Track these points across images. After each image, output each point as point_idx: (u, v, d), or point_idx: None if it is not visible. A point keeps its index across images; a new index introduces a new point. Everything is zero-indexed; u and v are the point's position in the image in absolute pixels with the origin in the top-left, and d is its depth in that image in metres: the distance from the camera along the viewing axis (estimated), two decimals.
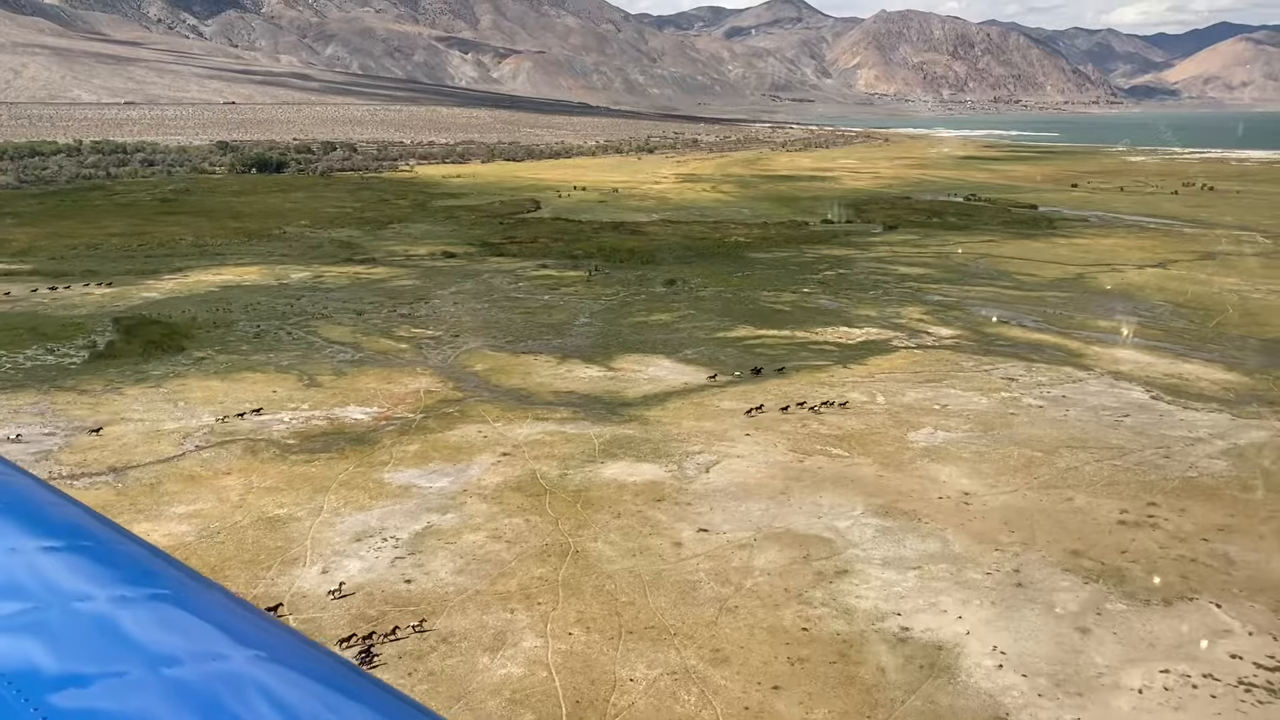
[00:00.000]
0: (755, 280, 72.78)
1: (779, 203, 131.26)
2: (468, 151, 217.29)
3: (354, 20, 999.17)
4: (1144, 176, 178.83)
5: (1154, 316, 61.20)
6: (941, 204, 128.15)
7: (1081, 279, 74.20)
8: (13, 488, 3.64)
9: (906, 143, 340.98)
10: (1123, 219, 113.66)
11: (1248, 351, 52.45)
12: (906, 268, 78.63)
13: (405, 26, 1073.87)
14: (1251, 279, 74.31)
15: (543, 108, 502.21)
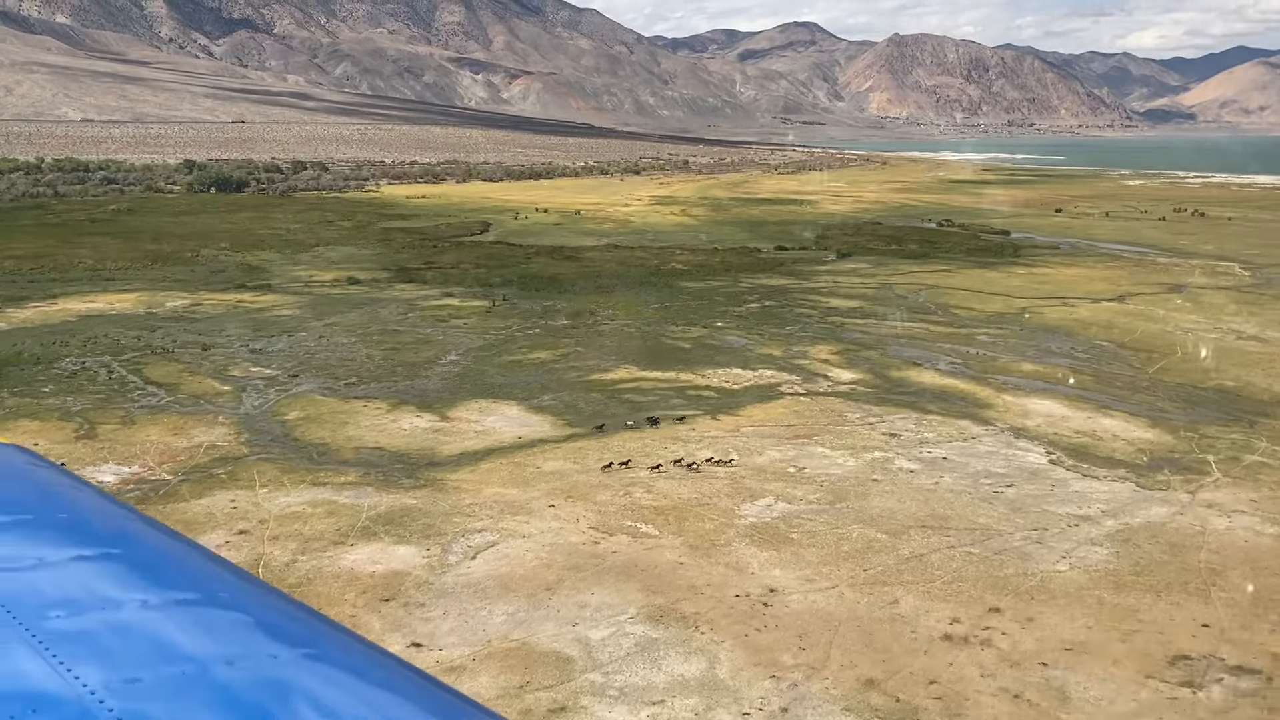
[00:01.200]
0: (671, 312, 66.99)
1: (743, 227, 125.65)
2: (447, 171, 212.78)
3: (365, 41, 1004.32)
4: (1137, 201, 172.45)
5: (1090, 359, 54.96)
6: (910, 230, 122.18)
7: (1025, 314, 68.04)
8: (64, 494, 3.80)
9: (905, 166, 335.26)
10: (1096, 246, 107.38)
11: (1181, 404, 46.17)
12: (840, 300, 72.69)
13: (417, 47, 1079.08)
14: (1214, 316, 67.97)
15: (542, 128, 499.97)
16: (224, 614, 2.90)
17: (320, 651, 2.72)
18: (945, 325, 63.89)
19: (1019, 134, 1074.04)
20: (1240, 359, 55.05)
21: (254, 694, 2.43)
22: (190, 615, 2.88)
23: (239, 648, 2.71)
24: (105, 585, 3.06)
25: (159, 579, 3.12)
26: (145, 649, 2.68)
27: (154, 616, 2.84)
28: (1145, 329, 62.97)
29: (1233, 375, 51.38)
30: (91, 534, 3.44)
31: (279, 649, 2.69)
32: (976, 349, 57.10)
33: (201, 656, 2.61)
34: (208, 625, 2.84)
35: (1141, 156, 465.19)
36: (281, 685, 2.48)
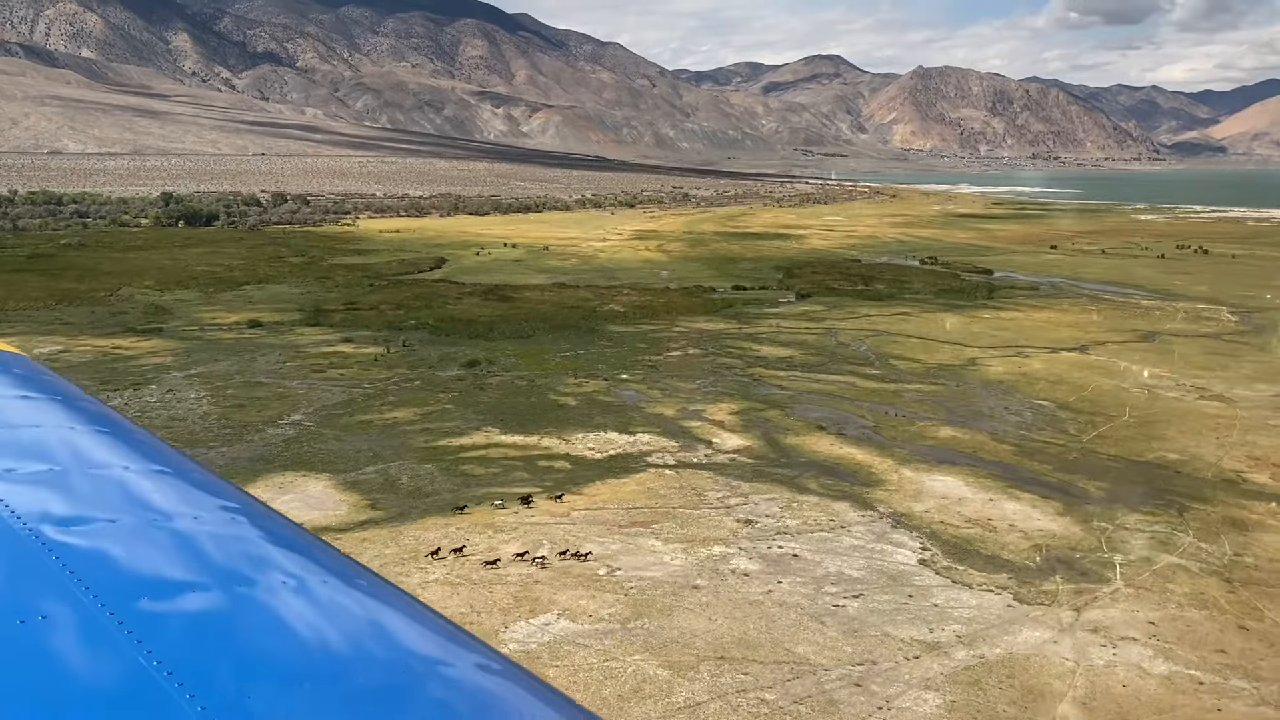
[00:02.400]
0: (579, 362, 61.06)
1: (713, 265, 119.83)
2: (434, 205, 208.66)
3: (387, 74, 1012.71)
4: (1143, 237, 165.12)
5: (1021, 423, 48.41)
6: (887, 268, 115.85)
7: (971, 366, 61.56)
8: (93, 418, 4.13)
9: (915, 199, 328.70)
10: (1080, 287, 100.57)
11: (1107, 482, 39.59)
12: (773, 349, 66.48)
13: (440, 81, 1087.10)
14: (1182, 370, 61.16)
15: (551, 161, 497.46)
16: (225, 534, 3.03)
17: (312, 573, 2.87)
18: (875, 380, 57.50)
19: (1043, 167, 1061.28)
20: (1194, 423, 48.30)
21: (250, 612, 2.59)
22: (191, 533, 3.00)
23: (236, 567, 2.86)
24: (111, 502, 3.21)
25: (163, 497, 3.25)
26: (149, 564, 2.84)
27: (157, 533, 2.98)
28: (1097, 385, 56.29)
29: (1179, 445, 44.67)
30: (100, 450, 3.65)
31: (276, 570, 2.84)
32: (898, 409, 50.70)
33: (202, 575, 2.77)
34: (209, 543, 2.99)
35: (1163, 190, 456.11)
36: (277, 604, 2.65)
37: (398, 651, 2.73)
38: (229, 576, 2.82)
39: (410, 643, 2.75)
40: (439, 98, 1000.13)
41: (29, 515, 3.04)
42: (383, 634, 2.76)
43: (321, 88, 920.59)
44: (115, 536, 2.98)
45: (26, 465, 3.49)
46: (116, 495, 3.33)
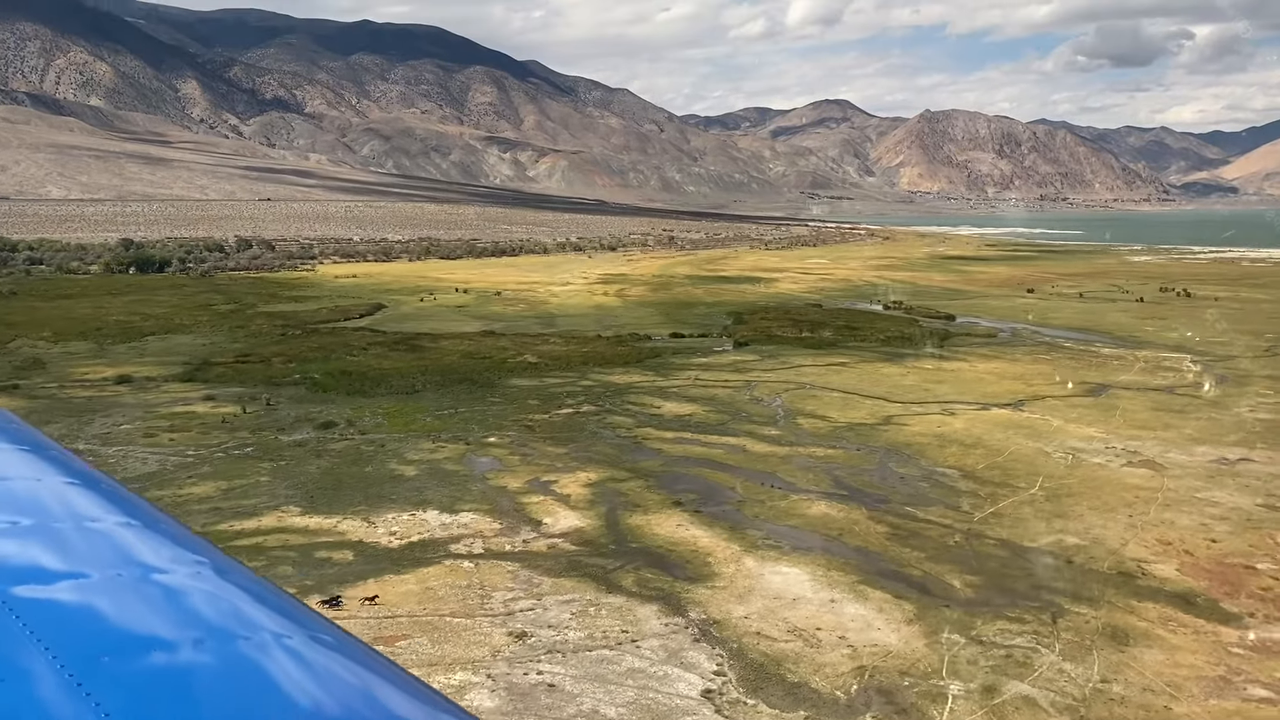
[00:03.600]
0: (449, 423, 55.32)
1: (665, 310, 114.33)
2: (407, 249, 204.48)
3: (394, 120, 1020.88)
4: (1128, 279, 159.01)
5: (911, 496, 42.23)
6: (844, 314, 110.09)
7: (885, 425, 55.45)
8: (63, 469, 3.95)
9: (909, 241, 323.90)
10: (1041, 334, 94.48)
11: (981, 575, 33.39)
12: (678, 404, 60.60)
13: (448, 127, 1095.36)
14: (1119, 429, 54.91)
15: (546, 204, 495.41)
16: (195, 589, 2.89)
17: (288, 632, 2.71)
18: (770, 442, 51.45)
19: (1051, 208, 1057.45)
20: (1111, 496, 42.01)
21: (220, 673, 2.47)
22: (159, 589, 2.87)
23: (210, 626, 2.72)
24: (77, 556, 3.07)
25: (134, 553, 3.10)
26: (113, 621, 2.71)
27: (124, 589, 2.86)
28: (1017, 449, 50.06)
29: (1084, 525, 38.40)
30: (68, 502, 3.50)
31: (251, 630, 2.69)
32: (779, 479, 44.61)
33: (169, 632, 2.62)
34: (178, 600, 2.84)
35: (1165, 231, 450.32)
36: (250, 665, 2.51)
37: (381, 713, 2.60)
38: (201, 634, 2.66)
39: (394, 705, 2.60)
40: (446, 143, 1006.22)
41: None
42: (366, 695, 2.61)
43: (328, 133, 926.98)
44: (81, 592, 2.81)
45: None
46: (84, 549, 3.12)
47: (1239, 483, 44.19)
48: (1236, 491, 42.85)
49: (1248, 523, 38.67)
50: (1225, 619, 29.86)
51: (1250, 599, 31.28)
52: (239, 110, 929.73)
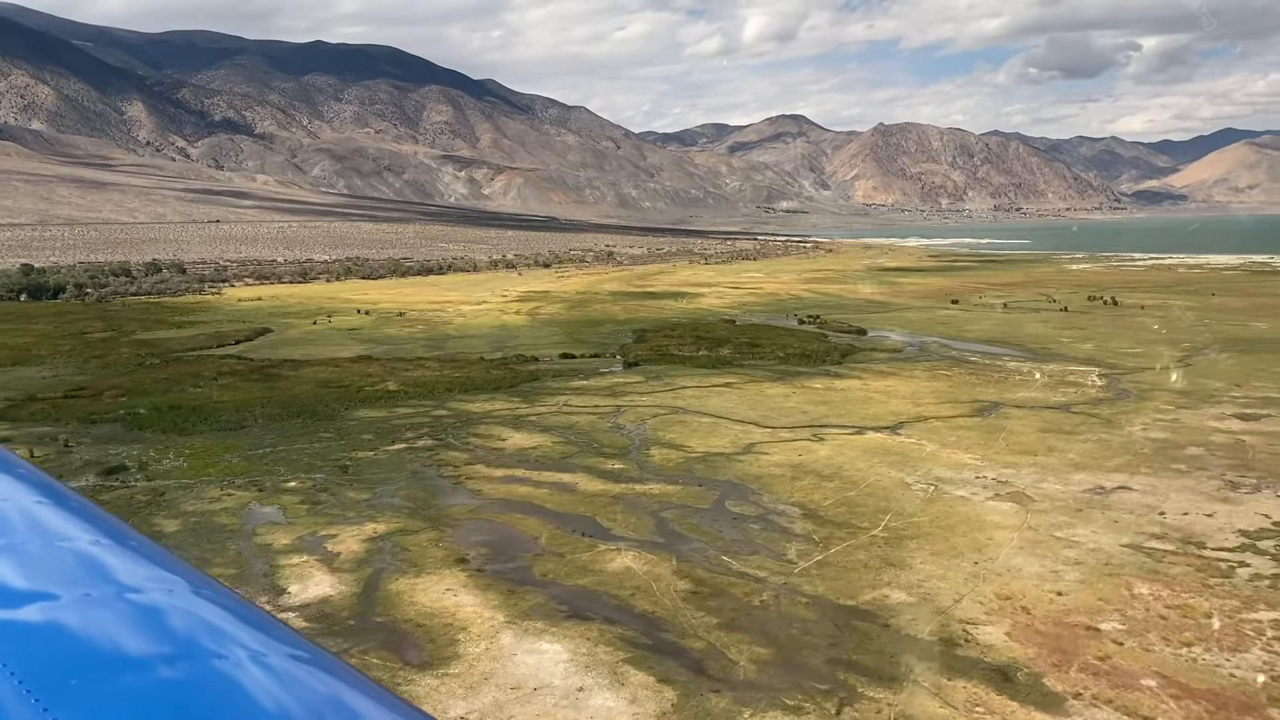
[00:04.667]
0: (261, 462, 49.43)
1: (571, 329, 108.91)
2: (328, 269, 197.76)
3: (347, 140, 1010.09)
4: (1061, 287, 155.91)
5: (734, 542, 36.99)
6: (754, 329, 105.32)
7: (744, 454, 50.30)
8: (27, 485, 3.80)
9: (852, 253, 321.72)
10: (951, 347, 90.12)
11: (776, 645, 28.15)
12: (529, 435, 55.19)
13: (403, 146, 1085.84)
14: (997, 455, 50.14)
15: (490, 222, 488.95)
16: (168, 607, 2.80)
17: (265, 650, 2.65)
18: (608, 479, 46.08)
19: (1004, 218, 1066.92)
20: (960, 538, 37.02)
21: (193, 692, 2.42)
22: (131, 608, 2.78)
23: (182, 645, 2.64)
24: (45, 575, 2.98)
25: (104, 572, 3.02)
26: (82, 642, 2.62)
27: (94, 609, 2.76)
28: (876, 481, 45.02)
29: (918, 576, 33.33)
30: (36, 521, 3.38)
31: (225, 648, 2.62)
32: (594, 526, 39.21)
33: (142, 653, 2.55)
34: (150, 619, 2.75)
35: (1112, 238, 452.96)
36: (224, 684, 2.46)
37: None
38: (174, 653, 2.58)
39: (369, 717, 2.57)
40: (399, 162, 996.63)
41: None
42: (343, 709, 2.56)
43: (278, 154, 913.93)
44: (48, 612, 2.71)
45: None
46: (53, 568, 3.02)
47: (1108, 517, 39.40)
48: (1103, 528, 38.04)
49: (1105, 569, 33.78)
50: (1045, 702, 24.78)
51: (1081, 672, 26.24)
52: (187, 133, 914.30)
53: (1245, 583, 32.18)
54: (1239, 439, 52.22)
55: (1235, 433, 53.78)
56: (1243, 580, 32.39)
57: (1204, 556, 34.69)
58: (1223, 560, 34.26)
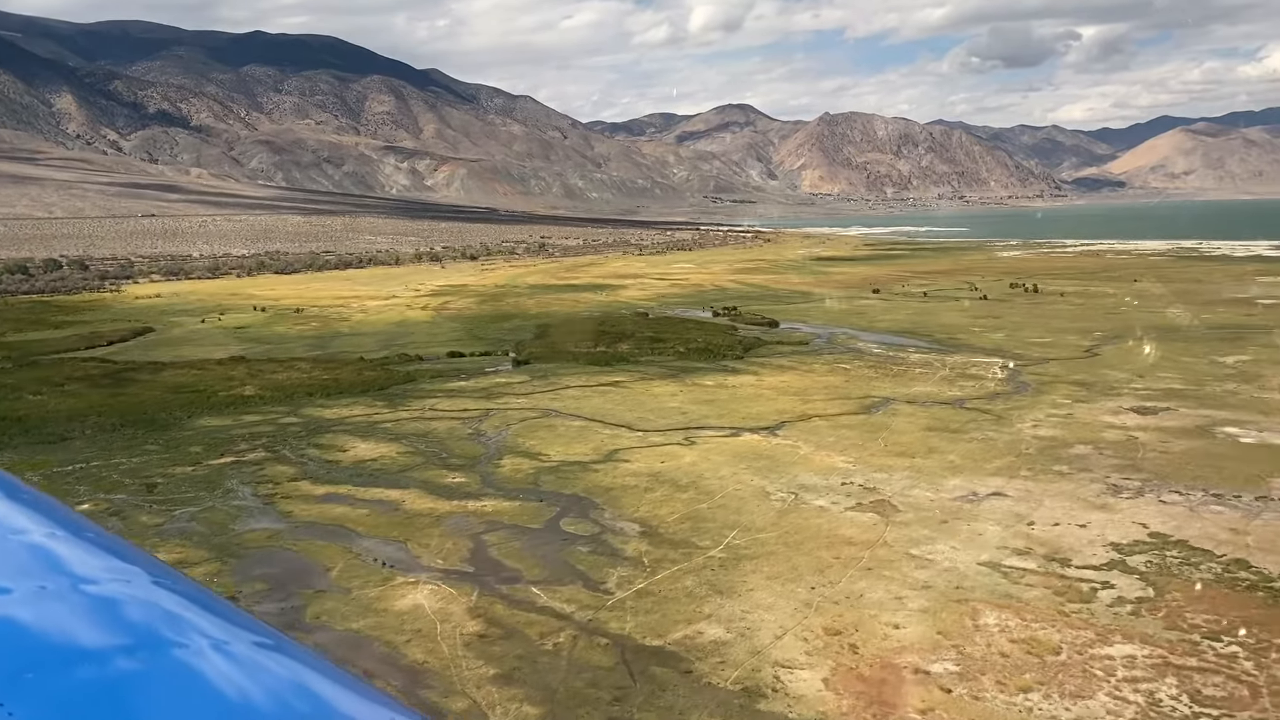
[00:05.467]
0: (62, 481, 44.30)
1: (476, 325, 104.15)
2: (241, 264, 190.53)
3: (285, 132, 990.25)
4: (987, 275, 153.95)
5: (552, 568, 32.84)
6: (666, 322, 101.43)
7: (604, 462, 46.17)
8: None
9: (790, 243, 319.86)
10: (859, 339, 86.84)
11: (544, 705, 23.94)
12: (378, 445, 50.63)
13: (343, 137, 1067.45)
14: (872, 457, 46.56)
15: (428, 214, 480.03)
16: (126, 598, 2.72)
17: (228, 638, 2.60)
18: (439, 496, 41.68)
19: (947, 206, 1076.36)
20: (805, 559, 33.20)
21: (153, 683, 2.36)
22: (87, 600, 2.69)
23: (141, 636, 2.56)
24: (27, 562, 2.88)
25: (59, 564, 2.90)
26: (37, 635, 2.51)
27: (49, 601, 2.67)
28: (735, 491, 41.12)
29: (742, 609, 29.38)
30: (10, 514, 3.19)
31: (185, 637, 2.55)
32: (401, 552, 34.80)
33: (100, 645, 2.48)
34: (107, 610, 2.68)
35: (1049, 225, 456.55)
36: (185, 673, 2.42)
37: (325, 712, 2.52)
38: (133, 643, 2.49)
39: (340, 705, 2.53)
40: (340, 154, 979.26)
41: None
42: (307, 694, 2.53)
43: (215, 147, 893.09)
44: (1, 606, 2.58)
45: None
46: (6, 562, 2.85)
47: (972, 530, 35.83)
48: (964, 543, 34.43)
49: (954, 593, 30.09)
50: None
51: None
52: (119, 125, 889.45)
53: (1105, 609, 28.66)
54: (1132, 436, 49.15)
55: (1130, 429, 50.74)
56: (1103, 606, 28.87)
57: (1066, 577, 31.16)
58: (1085, 581, 30.75)
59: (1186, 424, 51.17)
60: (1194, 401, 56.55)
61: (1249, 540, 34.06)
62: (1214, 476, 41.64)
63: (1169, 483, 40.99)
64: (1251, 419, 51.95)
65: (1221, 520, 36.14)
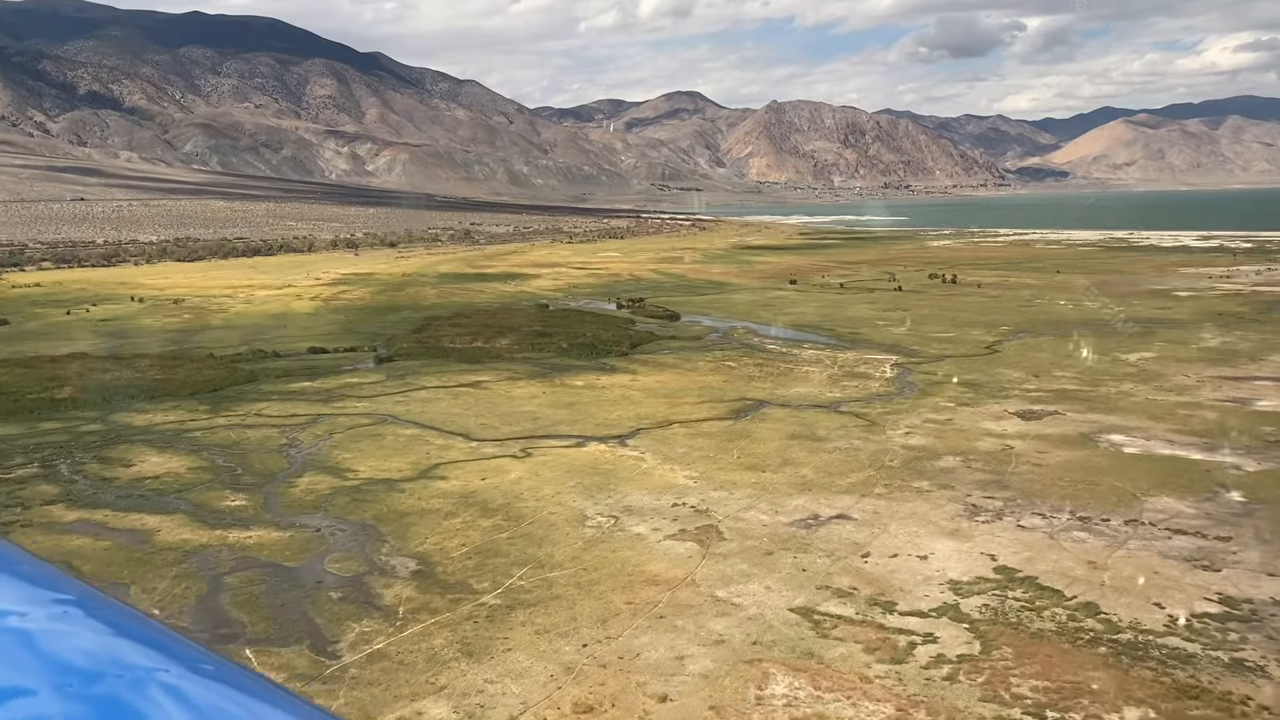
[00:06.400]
0: None
1: (357, 318, 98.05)
2: (142, 251, 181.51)
3: (222, 115, 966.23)
4: (910, 265, 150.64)
5: (281, 625, 27.45)
6: (558, 315, 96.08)
7: (415, 481, 40.78)
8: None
9: (726, 231, 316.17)
10: (756, 334, 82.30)
11: None
12: (170, 459, 44.67)
13: (283, 121, 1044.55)
14: (719, 474, 41.72)
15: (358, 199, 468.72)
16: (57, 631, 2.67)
17: (164, 666, 2.55)
18: (202, 525, 36.01)
19: (893, 195, 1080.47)
20: (590, 606, 28.11)
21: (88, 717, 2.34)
22: (14, 635, 2.64)
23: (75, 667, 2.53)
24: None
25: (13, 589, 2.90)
26: None
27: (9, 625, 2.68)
28: (549, 515, 36.00)
29: (486, 677, 24.21)
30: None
31: (120, 667, 2.51)
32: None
33: (28, 680, 2.44)
34: (37, 644, 2.62)
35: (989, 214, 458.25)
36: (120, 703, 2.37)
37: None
38: (66, 678, 2.45)
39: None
40: (277, 138, 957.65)
41: None
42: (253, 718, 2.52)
43: (148, 130, 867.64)
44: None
45: None
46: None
47: (798, 563, 31.04)
48: (783, 581, 29.60)
49: (750, 649, 25.21)
50: None
51: None
52: (47, 107, 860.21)
53: (917, 672, 23.91)
54: (1008, 445, 44.82)
55: (1008, 436, 46.44)
56: (916, 668, 24.13)
57: (884, 627, 26.41)
58: (905, 633, 26.02)
59: (1069, 431, 47.00)
60: (1084, 404, 52.51)
61: (1105, 577, 29.64)
62: (1085, 495, 37.33)
63: (1034, 502, 36.59)
64: (1140, 425, 47.94)
65: (1081, 551, 31.73)
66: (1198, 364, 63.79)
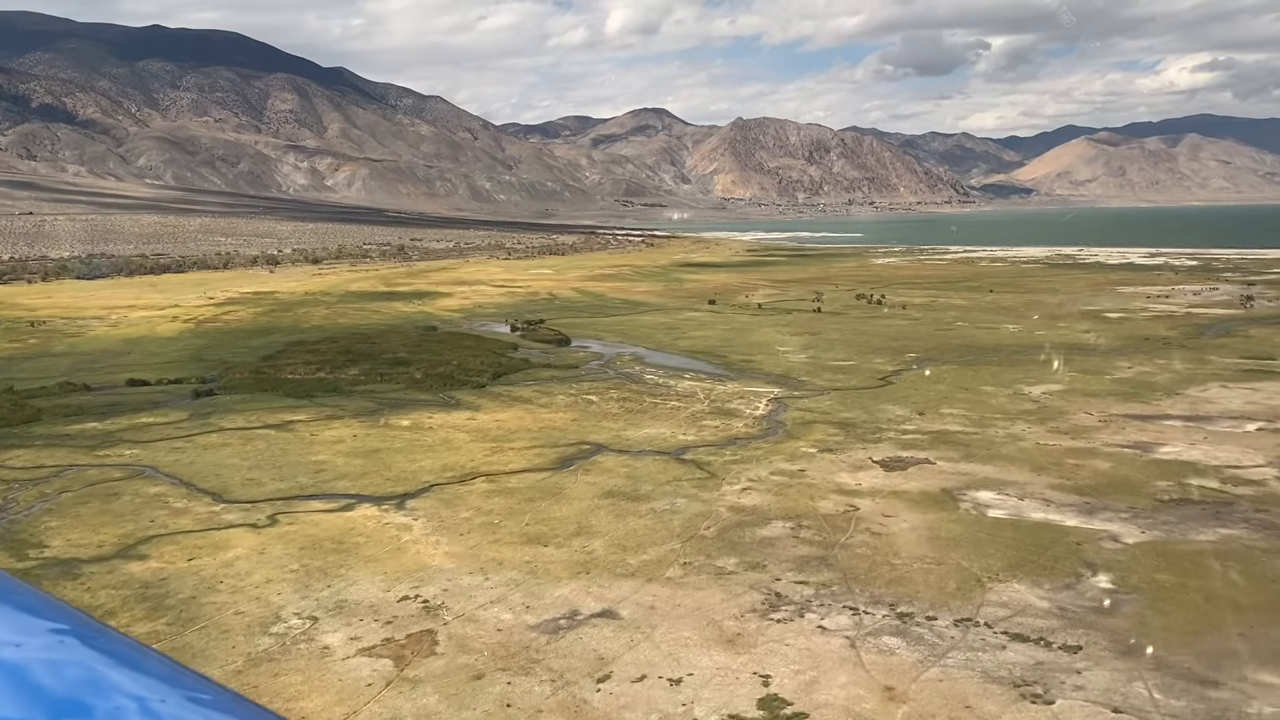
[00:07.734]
0: None
1: (221, 343, 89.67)
2: (46, 269, 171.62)
3: (179, 129, 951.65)
4: (841, 284, 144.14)
5: None
6: (433, 340, 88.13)
7: (99, 565, 32.77)
8: None
9: (671, 247, 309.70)
10: (642, 361, 74.89)
11: None
12: None
13: (242, 136, 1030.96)
14: (492, 549, 34.11)
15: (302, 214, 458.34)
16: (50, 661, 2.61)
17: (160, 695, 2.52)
18: None
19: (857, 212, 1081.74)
20: None
21: None
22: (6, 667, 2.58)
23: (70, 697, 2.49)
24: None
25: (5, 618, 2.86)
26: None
27: None
28: (237, 613, 28.14)
29: None
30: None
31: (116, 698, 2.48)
32: None
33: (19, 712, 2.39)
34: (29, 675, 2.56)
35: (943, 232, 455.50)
36: None
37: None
38: (57, 709, 2.42)
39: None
40: (235, 152, 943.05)
41: None
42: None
43: (100, 144, 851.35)
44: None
45: None
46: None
47: (503, 697, 23.34)
48: None
49: None
50: None
51: None
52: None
53: None
54: (852, 506, 37.43)
55: (859, 494, 39.06)
56: None
57: None
58: None
59: (931, 486, 39.70)
60: (961, 451, 45.30)
61: (903, 711, 22.15)
62: (918, 580, 29.94)
63: (852, 591, 29.14)
64: (1018, 478, 40.75)
65: (883, 669, 24.24)
66: (1106, 398, 56.95)
